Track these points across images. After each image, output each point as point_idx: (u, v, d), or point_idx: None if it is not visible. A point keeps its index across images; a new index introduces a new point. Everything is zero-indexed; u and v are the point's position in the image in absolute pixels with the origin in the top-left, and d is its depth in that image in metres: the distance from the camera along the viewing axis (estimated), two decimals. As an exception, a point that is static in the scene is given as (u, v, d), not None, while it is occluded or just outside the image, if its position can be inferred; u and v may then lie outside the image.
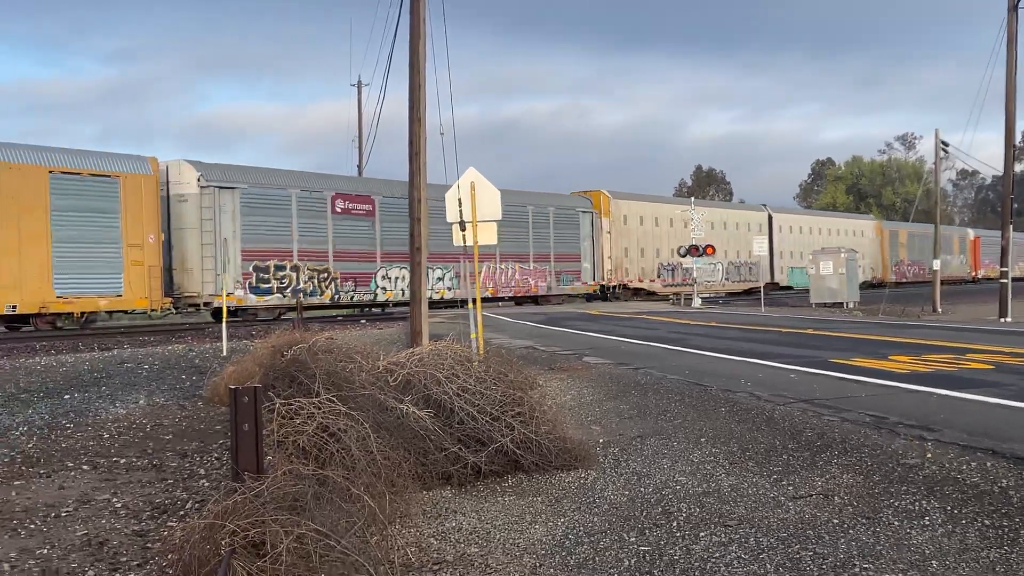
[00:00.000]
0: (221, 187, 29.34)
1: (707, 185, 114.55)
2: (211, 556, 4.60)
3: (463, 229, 14.52)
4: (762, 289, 41.45)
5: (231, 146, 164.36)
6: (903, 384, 12.05)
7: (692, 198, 57.36)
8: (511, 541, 6.15)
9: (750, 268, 53.41)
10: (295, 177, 32.88)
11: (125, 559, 5.81)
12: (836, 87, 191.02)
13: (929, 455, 7.89)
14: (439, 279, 36.10)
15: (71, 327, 26.18)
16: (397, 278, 34.30)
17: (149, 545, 6.04)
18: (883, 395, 11.30)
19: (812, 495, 6.97)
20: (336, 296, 33.06)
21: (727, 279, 51.96)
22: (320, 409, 6.82)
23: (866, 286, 52.79)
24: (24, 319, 25.63)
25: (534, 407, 8.23)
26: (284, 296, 30.89)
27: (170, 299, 28.35)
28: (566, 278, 42.00)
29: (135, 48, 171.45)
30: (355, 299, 33.98)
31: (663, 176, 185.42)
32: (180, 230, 29.03)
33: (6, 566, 5.72)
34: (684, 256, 42.46)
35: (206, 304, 28.96)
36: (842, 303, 38.60)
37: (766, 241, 51.17)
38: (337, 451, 6.54)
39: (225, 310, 20.71)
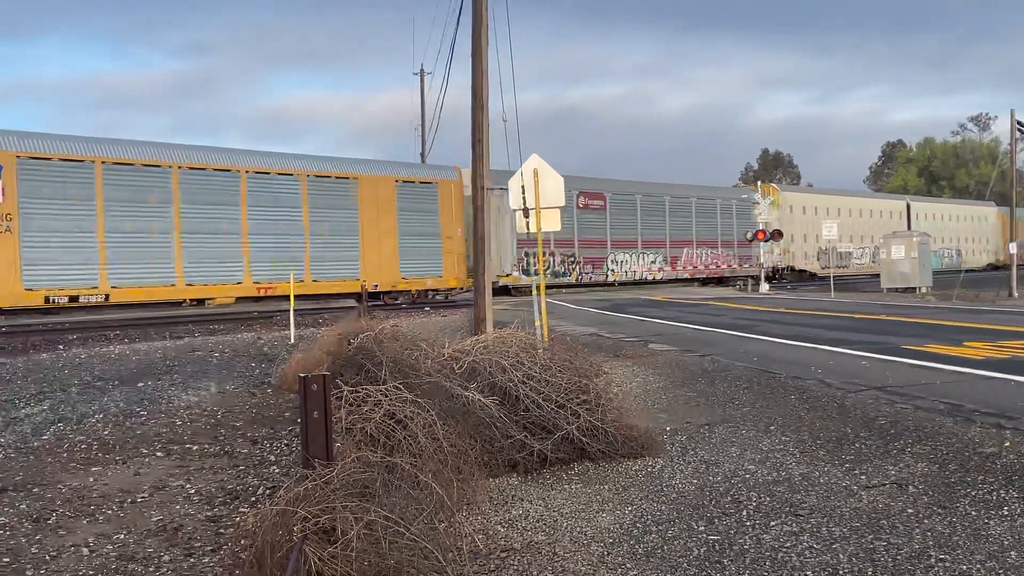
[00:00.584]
0: (503, 189, 31.99)
1: (774, 169, 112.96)
2: (283, 542, 4.65)
3: (527, 216, 14.50)
4: (831, 275, 40.74)
5: (298, 136, 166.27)
6: (978, 371, 11.79)
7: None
8: (578, 529, 6.14)
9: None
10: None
11: (199, 544, 5.92)
12: (908, 67, 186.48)
13: (1007, 444, 7.70)
14: (652, 261, 42.63)
15: (407, 301, 32.84)
16: (623, 261, 41.43)
17: (222, 531, 6.14)
18: (958, 382, 11.06)
19: (885, 484, 6.85)
20: (580, 277, 39.57)
21: (873, 262, 54.03)
22: (387, 396, 6.86)
23: (990, 267, 60.45)
24: (377, 296, 31.76)
25: (600, 394, 8.19)
26: (545, 276, 34.32)
27: (471, 279, 30.95)
28: (746, 261, 46.36)
29: (204, 41, 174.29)
30: (592, 279, 40.03)
31: (729, 159, 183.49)
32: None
33: (85, 551, 5.86)
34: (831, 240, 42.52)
35: (493, 282, 31.22)
36: (914, 288, 37.84)
37: (905, 227, 55.85)
38: (404, 438, 6.57)
39: (287, 298, 20.95)
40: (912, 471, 7.16)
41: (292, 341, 18.68)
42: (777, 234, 44.49)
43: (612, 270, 40.89)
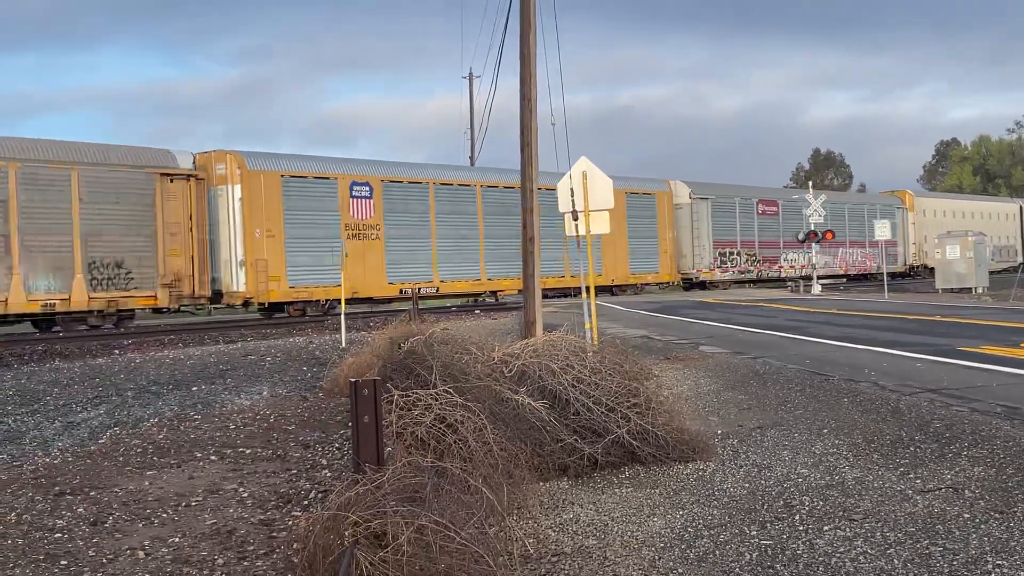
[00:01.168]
0: (702, 199, 42.86)
1: (825, 169, 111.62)
2: (335, 546, 4.69)
3: (575, 219, 14.49)
4: (885, 274, 40.20)
5: (351, 141, 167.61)
6: (1037, 373, 11.57)
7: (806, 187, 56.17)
8: (629, 533, 6.12)
9: (1007, 251, 62.28)
10: (737, 189, 45.92)
11: (252, 548, 5.98)
12: (963, 65, 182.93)
13: (1067, 447, 7.54)
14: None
15: (629, 295, 38.96)
16: (793, 259, 47.05)
17: (274, 534, 6.21)
18: (1015, 384, 10.86)
19: (941, 488, 6.74)
20: (760, 273, 45.78)
21: (991, 259, 55.45)
22: (437, 400, 6.89)
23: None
24: (609, 289, 38.20)
25: (650, 398, 8.17)
26: (733, 273, 43.98)
27: (679, 274, 43.04)
28: (888, 260, 48.17)
29: (257, 49, 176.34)
30: (769, 275, 46.21)
31: (780, 159, 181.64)
32: (679, 228, 41.97)
33: (141, 554, 5.95)
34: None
35: (695, 278, 43.01)
36: (970, 288, 37.18)
37: (1018, 227, 62.93)
38: (454, 442, 6.60)
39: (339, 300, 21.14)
40: (968, 475, 7.04)
41: (343, 345, 18.81)
42: (828, 234, 43.94)
43: (781, 267, 46.68)
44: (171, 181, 26.46)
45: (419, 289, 30.19)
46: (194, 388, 13.37)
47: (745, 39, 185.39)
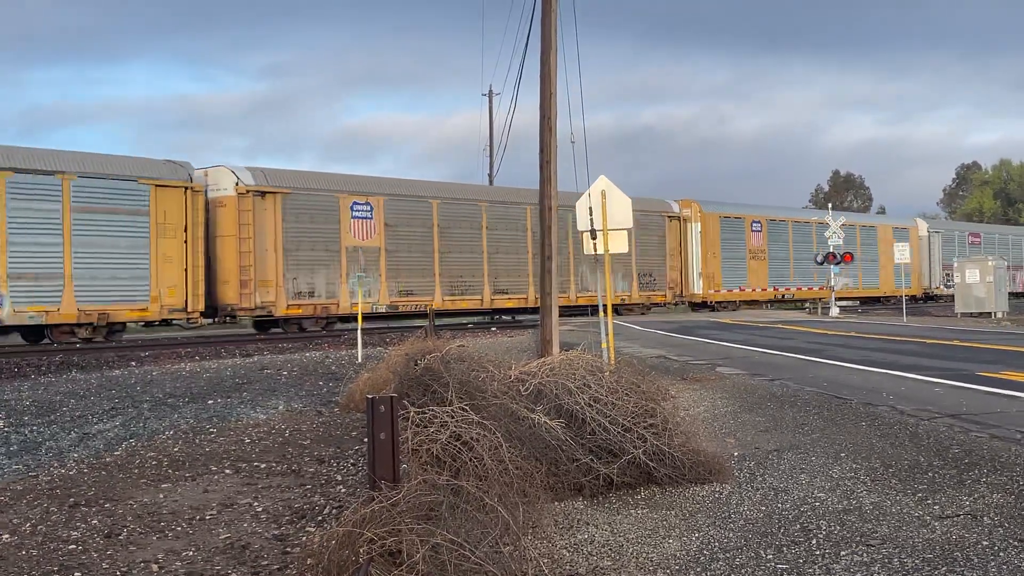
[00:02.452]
0: (935, 232, 54.26)
1: (844, 191, 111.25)
2: (349, 563, 4.68)
3: (594, 237, 14.48)
4: (903, 298, 40.04)
5: (372, 156, 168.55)
6: (1058, 399, 11.46)
7: (828, 207, 56.07)
8: (644, 555, 6.08)
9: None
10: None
11: (266, 563, 5.97)
12: (987, 89, 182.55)
13: (1088, 476, 7.46)
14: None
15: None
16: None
17: (288, 550, 6.19)
18: (1036, 411, 10.76)
19: (959, 515, 6.67)
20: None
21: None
22: (453, 418, 6.88)
23: None
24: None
25: (667, 418, 8.13)
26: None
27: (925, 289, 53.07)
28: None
29: (284, 64, 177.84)
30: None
31: (800, 181, 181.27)
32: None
33: (154, 567, 5.95)
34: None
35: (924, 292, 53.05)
36: (989, 313, 36.96)
37: None
38: (470, 460, 6.58)
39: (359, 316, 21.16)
40: (987, 502, 6.97)
41: (359, 360, 18.84)
42: (847, 256, 43.72)
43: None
44: (670, 220, 41.50)
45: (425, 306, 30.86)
46: (210, 401, 13.40)
47: (770, 59, 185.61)
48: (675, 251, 41.75)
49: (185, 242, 26.40)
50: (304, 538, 6.32)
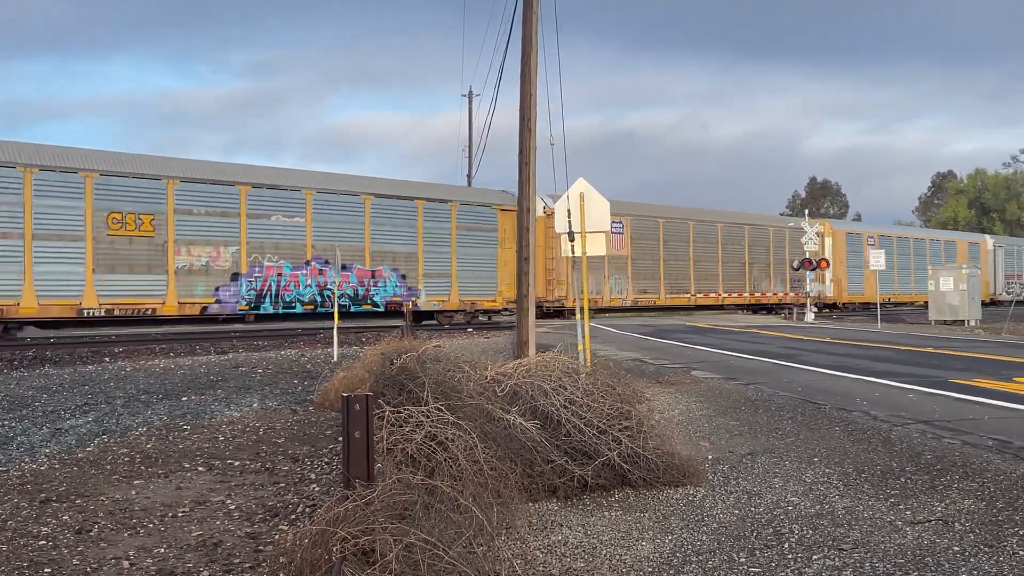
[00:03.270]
0: (999, 246, 59.74)
1: (821, 198, 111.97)
2: (322, 562, 4.66)
3: (571, 240, 14.49)
4: (878, 305, 40.31)
5: (356, 155, 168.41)
6: (1029, 407, 11.56)
7: (805, 212, 56.44)
8: (617, 557, 6.09)
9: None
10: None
11: (238, 561, 5.94)
12: (967, 100, 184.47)
13: (1058, 483, 7.53)
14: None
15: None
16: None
17: (261, 548, 6.16)
18: (1007, 418, 10.85)
19: (931, 520, 6.72)
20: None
21: None
22: (428, 418, 6.86)
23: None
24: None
25: (642, 421, 8.14)
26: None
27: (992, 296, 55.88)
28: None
29: (269, 61, 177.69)
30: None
31: (779, 187, 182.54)
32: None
33: (125, 564, 5.90)
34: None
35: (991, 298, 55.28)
36: (963, 320, 37.26)
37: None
38: (445, 460, 6.57)
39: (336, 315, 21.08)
40: (959, 508, 7.02)
41: (335, 359, 18.77)
42: (823, 263, 44.00)
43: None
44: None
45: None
46: (184, 398, 13.32)
47: (752, 67, 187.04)
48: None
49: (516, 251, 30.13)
50: (277, 536, 6.29)
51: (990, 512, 6.87)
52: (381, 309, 31.14)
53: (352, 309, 30.26)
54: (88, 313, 24.71)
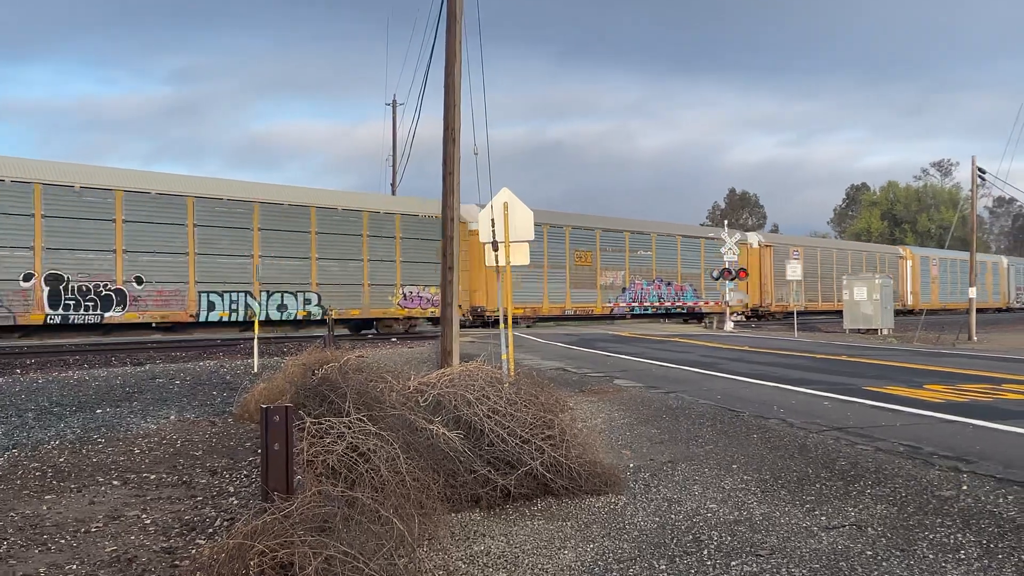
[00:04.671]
0: (1012, 265, 66.36)
1: (740, 208, 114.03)
2: (239, 576, 4.59)
3: (495, 249, 14.51)
4: (795, 314, 41.14)
5: (279, 164, 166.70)
6: (938, 414, 11.90)
7: (725, 224, 57.38)
8: (539, 566, 6.10)
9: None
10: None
11: (153, 576, 5.81)
12: (883, 114, 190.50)
13: (965, 487, 7.76)
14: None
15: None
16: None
17: (177, 563, 6.04)
18: (918, 424, 11.15)
19: (845, 526, 6.87)
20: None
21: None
22: (350, 429, 6.81)
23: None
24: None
25: (564, 430, 8.18)
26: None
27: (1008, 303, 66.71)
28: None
29: (195, 68, 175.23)
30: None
31: (703, 198, 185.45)
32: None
33: (36, 581, 5.74)
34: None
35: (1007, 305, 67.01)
36: (876, 329, 38.22)
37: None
38: (367, 471, 6.52)
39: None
40: (871, 513, 7.19)
41: (255, 370, 18.52)
42: (742, 272, 44.78)
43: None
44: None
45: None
46: (98, 411, 13.02)
47: (680, 80, 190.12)
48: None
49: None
50: (194, 551, 6.18)
51: (902, 516, 7.05)
52: (684, 311, 46.85)
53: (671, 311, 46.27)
54: (568, 312, 41.27)
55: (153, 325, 28.02)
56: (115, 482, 8.59)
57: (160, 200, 27.83)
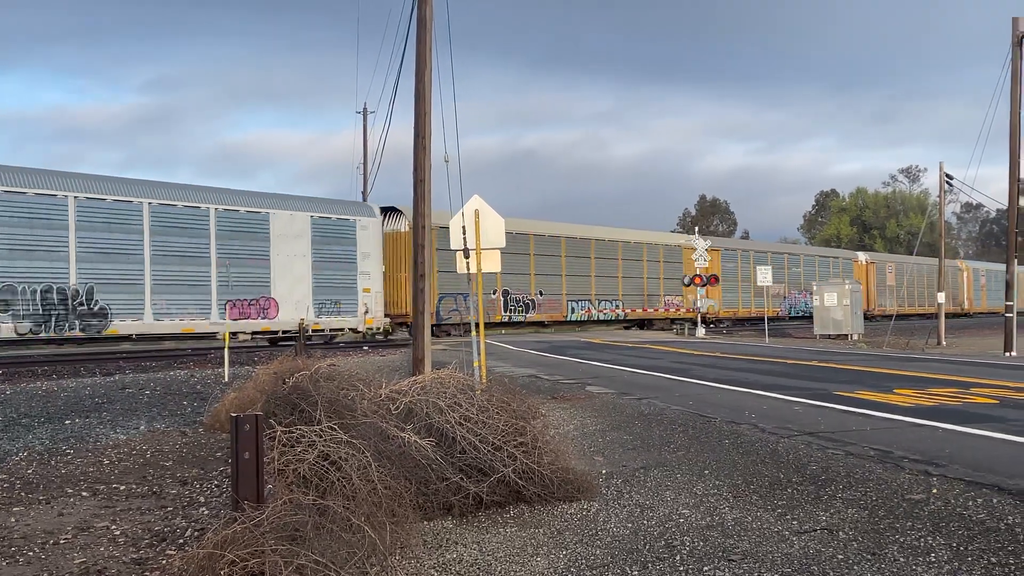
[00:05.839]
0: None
1: (711, 215, 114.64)
2: (209, 586, 4.55)
3: (467, 256, 14.50)
4: (766, 320, 41.40)
5: (251, 173, 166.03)
6: (907, 418, 11.99)
7: (696, 230, 57.70)
8: (512, 573, 6.09)
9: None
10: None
11: (122, 588, 5.75)
12: (852, 122, 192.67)
13: (934, 490, 7.82)
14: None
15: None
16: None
17: (147, 574, 5.98)
18: (888, 429, 11.23)
19: (816, 530, 6.90)
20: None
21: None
22: (321, 437, 6.77)
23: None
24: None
25: (536, 437, 8.17)
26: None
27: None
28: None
29: (169, 78, 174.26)
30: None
31: (673, 205, 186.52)
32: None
33: (2, 594, 5.67)
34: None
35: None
36: (846, 335, 38.51)
37: None
38: (338, 480, 6.49)
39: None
40: (843, 517, 7.23)
41: (226, 379, 18.40)
42: (713, 279, 45.02)
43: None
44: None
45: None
46: (67, 421, 12.89)
47: (652, 89, 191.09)
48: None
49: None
50: (164, 562, 6.12)
51: (872, 520, 7.09)
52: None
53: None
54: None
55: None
56: (84, 493, 8.50)
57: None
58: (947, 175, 39.01)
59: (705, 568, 6.05)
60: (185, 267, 27.42)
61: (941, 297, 38.71)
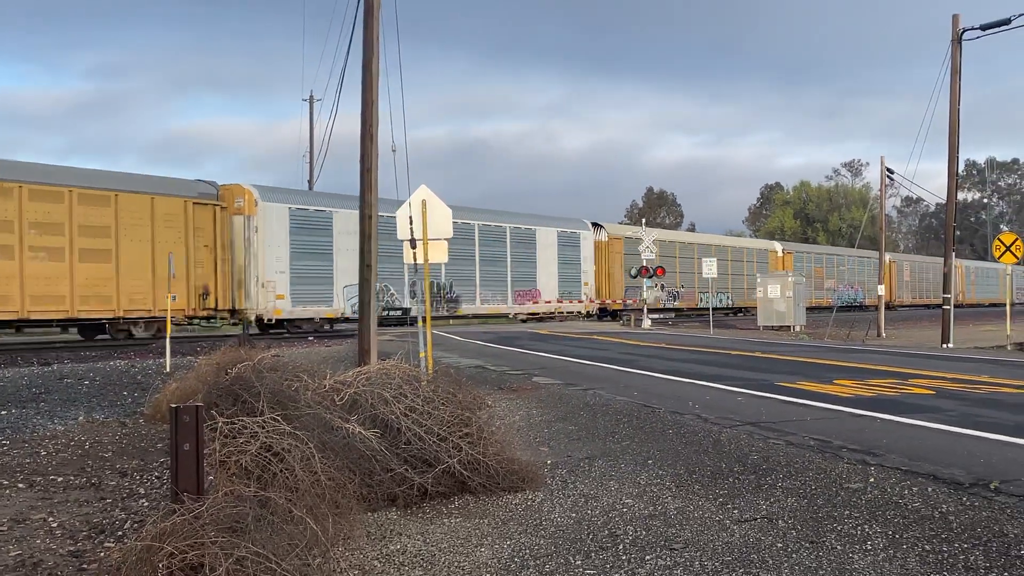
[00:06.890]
0: (1016, 268, 63.10)
1: (658, 207, 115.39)
2: (148, 579, 4.49)
3: (413, 247, 14.45)
4: (711, 312, 41.84)
5: (195, 161, 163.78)
6: (847, 408, 12.18)
7: (644, 222, 57.99)
8: (456, 564, 6.10)
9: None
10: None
11: (59, 581, 5.66)
12: (798, 117, 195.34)
13: (872, 479, 7.96)
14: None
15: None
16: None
17: (85, 567, 5.90)
18: (827, 419, 11.40)
19: (757, 519, 6.99)
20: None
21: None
22: (264, 428, 6.72)
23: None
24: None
25: (482, 428, 8.18)
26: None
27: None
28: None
29: (114, 64, 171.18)
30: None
31: (620, 197, 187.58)
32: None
33: (-66, 588, 5.56)
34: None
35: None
36: (789, 326, 39.02)
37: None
38: (281, 471, 6.44)
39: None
40: (783, 505, 7.33)
41: (167, 370, 18.18)
42: (660, 270, 45.35)
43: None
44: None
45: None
46: (3, 412, 12.64)
47: (601, 81, 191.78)
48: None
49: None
50: (102, 554, 6.04)
51: (811, 509, 7.20)
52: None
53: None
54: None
55: None
56: (20, 485, 8.35)
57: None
58: (888, 169, 39.68)
59: (647, 557, 6.10)
60: (496, 267, 41.12)
61: (881, 289, 39.37)
